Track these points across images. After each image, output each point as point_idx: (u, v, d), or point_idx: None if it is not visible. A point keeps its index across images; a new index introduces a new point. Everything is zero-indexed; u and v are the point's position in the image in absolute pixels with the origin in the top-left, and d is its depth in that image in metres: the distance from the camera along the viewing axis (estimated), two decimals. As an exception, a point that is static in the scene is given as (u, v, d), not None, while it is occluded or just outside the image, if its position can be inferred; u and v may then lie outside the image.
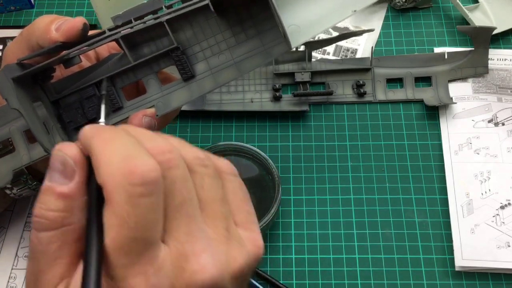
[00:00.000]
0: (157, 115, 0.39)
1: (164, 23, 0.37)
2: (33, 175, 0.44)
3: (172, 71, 0.41)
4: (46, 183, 0.25)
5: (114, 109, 0.40)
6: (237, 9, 0.38)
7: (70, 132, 0.40)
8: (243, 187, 0.31)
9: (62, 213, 0.24)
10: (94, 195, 0.25)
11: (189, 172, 0.27)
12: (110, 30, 0.38)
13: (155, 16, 0.37)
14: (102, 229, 0.24)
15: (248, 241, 0.29)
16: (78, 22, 0.36)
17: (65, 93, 0.39)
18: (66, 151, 0.25)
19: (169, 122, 0.43)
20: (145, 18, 0.38)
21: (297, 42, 0.36)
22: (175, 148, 0.26)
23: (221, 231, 0.27)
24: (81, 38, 0.37)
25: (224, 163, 0.31)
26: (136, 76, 0.40)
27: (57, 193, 0.25)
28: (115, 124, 0.40)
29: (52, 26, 0.37)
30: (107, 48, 0.43)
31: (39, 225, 0.24)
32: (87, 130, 0.26)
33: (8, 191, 0.44)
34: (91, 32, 0.38)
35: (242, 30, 0.38)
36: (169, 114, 0.40)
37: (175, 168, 0.25)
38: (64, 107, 0.39)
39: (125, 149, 0.24)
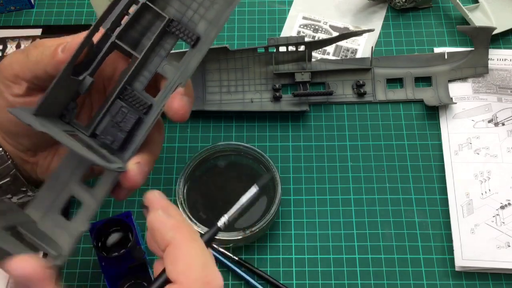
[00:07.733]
0: (182, 86, 0.38)
1: (147, 2, 0.37)
2: (33, 183, 0.43)
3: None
4: None
5: (145, 111, 0.39)
6: None
7: (116, 153, 0.38)
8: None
9: None
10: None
11: None
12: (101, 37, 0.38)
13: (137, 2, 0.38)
14: None
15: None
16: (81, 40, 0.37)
17: (97, 121, 0.38)
18: None
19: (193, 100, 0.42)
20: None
21: None
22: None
23: None
24: (87, 55, 0.37)
25: None
26: (150, 71, 0.39)
27: None
28: (155, 120, 0.38)
29: (59, 49, 0.36)
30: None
31: None
32: (164, 220, 0.32)
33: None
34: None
35: None
36: (190, 91, 0.40)
37: None
38: (102, 133, 0.39)
39: (203, 255, 0.30)
